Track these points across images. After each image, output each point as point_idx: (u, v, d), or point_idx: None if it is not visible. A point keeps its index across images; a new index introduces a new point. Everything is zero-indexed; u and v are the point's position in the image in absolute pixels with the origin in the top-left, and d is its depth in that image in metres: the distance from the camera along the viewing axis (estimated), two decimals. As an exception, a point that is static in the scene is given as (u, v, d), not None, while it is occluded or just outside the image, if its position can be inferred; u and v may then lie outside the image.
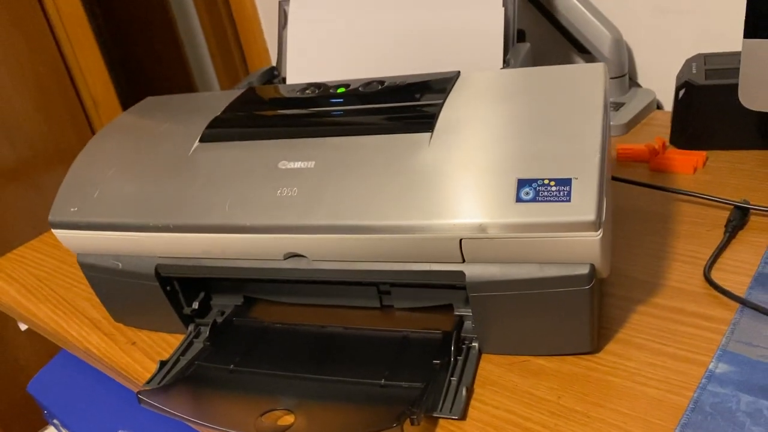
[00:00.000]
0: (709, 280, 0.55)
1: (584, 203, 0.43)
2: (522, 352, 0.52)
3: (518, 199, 0.45)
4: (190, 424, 0.52)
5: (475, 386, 0.50)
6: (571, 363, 0.50)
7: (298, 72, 0.74)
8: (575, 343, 0.50)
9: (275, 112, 0.60)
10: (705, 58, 0.78)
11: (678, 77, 0.77)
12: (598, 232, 0.43)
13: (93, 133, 1.55)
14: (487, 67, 0.66)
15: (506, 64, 0.66)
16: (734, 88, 0.63)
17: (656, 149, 0.75)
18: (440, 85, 0.57)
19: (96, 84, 1.56)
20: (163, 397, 0.51)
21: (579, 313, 0.47)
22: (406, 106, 0.55)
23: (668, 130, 0.79)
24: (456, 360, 0.52)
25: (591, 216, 0.43)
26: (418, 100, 0.55)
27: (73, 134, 1.57)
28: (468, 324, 0.54)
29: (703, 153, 0.73)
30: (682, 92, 0.74)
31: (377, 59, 0.71)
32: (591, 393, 0.47)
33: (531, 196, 0.44)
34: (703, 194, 0.65)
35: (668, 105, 0.91)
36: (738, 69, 0.62)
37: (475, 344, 0.53)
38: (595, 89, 0.51)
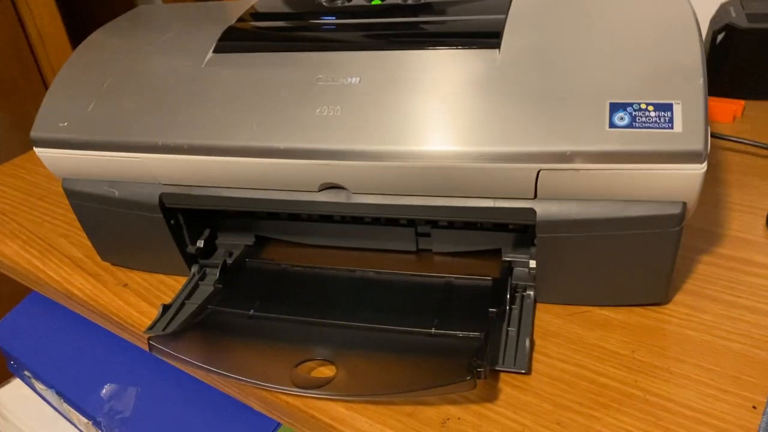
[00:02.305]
0: (774, 231, 0.51)
1: (690, 131, 0.38)
2: (585, 301, 0.46)
3: (611, 125, 0.39)
4: (211, 375, 0.45)
5: (535, 338, 0.45)
6: (640, 314, 0.45)
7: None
8: (648, 293, 0.45)
9: (307, 22, 0.52)
10: (742, 2, 0.73)
11: (713, 21, 0.72)
12: (703, 164, 0.38)
13: (39, 68, 1.42)
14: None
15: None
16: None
17: (690, 97, 0.70)
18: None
19: (42, 15, 1.42)
20: (177, 343, 0.44)
21: (661, 259, 0.42)
22: (463, 19, 0.48)
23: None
24: (511, 309, 0.46)
25: (698, 145, 0.37)
26: (476, 13, 0.48)
27: (17, 69, 1.42)
28: (519, 271, 0.49)
29: (741, 102, 0.69)
30: (720, 36, 0.70)
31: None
32: (668, 347, 0.43)
33: (626, 121, 0.39)
34: (756, 141, 0.60)
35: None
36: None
37: (530, 292, 0.47)
38: (681, 5, 0.45)
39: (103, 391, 0.59)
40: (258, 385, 0.41)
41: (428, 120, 0.42)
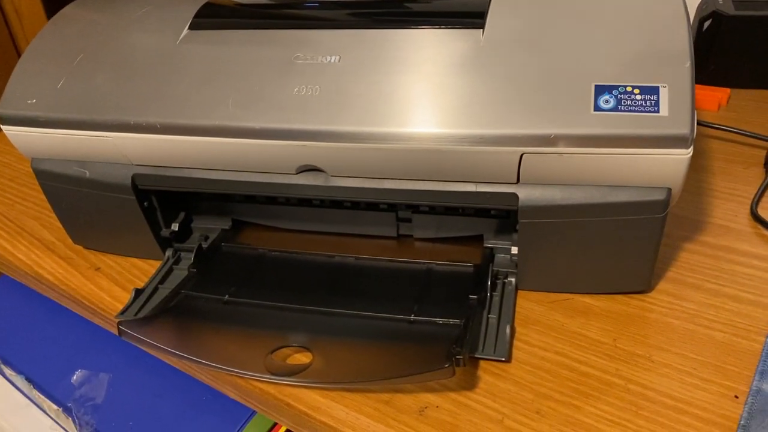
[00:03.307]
0: (758, 218, 0.50)
1: (676, 115, 0.37)
2: (567, 289, 0.46)
3: (596, 108, 0.38)
4: (184, 362, 0.44)
5: (515, 325, 0.44)
6: (622, 302, 0.45)
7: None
8: (631, 281, 0.44)
9: (286, -1, 0.50)
10: (729, -11, 0.72)
11: (700, 8, 0.71)
12: (689, 149, 0.37)
13: (16, 47, 1.38)
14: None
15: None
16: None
17: (675, 84, 0.70)
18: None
19: (19, -9, 1.38)
20: (148, 328, 0.43)
21: (644, 246, 0.42)
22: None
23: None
24: (491, 296, 0.45)
25: (685, 129, 0.37)
26: (460, -7, 0.47)
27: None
28: (500, 257, 0.48)
29: (727, 90, 0.68)
30: (707, 23, 0.69)
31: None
32: (650, 335, 0.42)
33: (612, 104, 0.38)
34: (741, 129, 0.60)
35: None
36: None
37: (512, 279, 0.46)
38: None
39: (74, 377, 0.57)
40: (231, 372, 0.40)
41: (409, 101, 0.41)
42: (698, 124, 0.62)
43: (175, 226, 0.52)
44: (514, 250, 0.45)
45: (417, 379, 0.38)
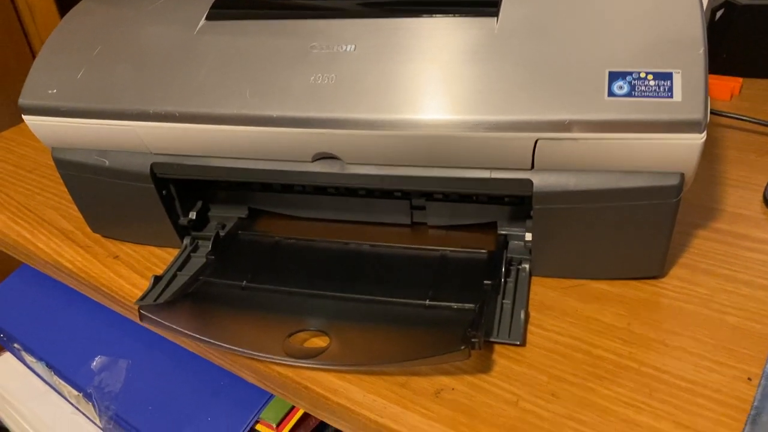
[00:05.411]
0: (771, 206, 0.51)
1: (690, 100, 0.37)
2: (581, 275, 0.46)
3: (610, 94, 0.38)
4: (203, 346, 0.44)
5: (530, 310, 0.44)
6: (635, 288, 0.45)
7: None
8: (644, 266, 0.44)
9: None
10: (742, -21, 0.72)
11: (713, -2, 0.71)
12: (702, 134, 0.38)
13: (29, 43, 1.40)
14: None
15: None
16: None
17: (688, 74, 0.70)
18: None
19: (32, -13, 1.39)
20: (168, 313, 0.43)
21: (658, 231, 0.42)
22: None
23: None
24: (506, 282, 0.46)
25: (698, 114, 0.37)
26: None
27: (8, 43, 1.40)
28: (514, 244, 0.48)
29: (739, 79, 0.68)
30: (719, 13, 0.69)
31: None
32: (664, 320, 0.42)
33: (625, 90, 0.38)
34: (754, 118, 0.60)
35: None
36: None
37: (526, 266, 0.47)
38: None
39: (94, 363, 0.58)
40: (250, 354, 0.41)
41: (425, 88, 0.41)
42: (711, 113, 0.62)
43: (192, 215, 0.53)
44: (528, 236, 0.46)
45: (433, 361, 0.39)
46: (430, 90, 0.41)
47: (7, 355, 0.72)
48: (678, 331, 0.41)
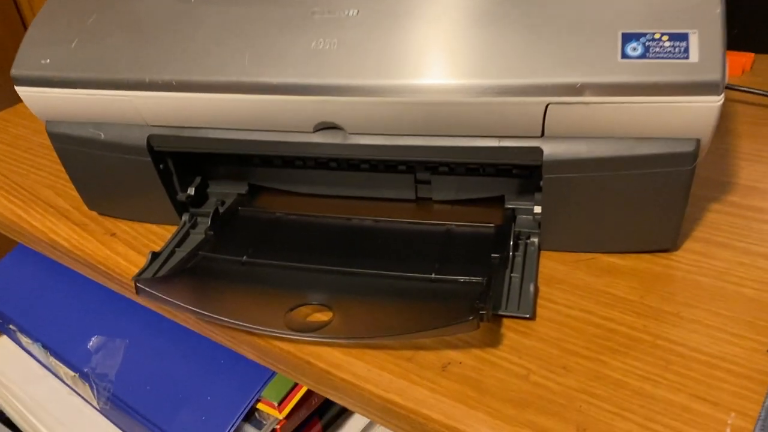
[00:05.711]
0: (786, 179, 0.49)
1: (707, 61, 0.36)
2: (591, 248, 0.45)
3: (624, 56, 0.37)
4: (201, 321, 0.43)
5: (539, 284, 0.43)
6: (648, 261, 0.44)
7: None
8: (657, 238, 0.43)
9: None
10: (752, -48, 0.71)
11: (723, -27, 0.70)
12: (720, 96, 0.36)
13: (22, 19, 1.37)
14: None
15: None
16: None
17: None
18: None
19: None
20: (165, 287, 0.42)
21: (672, 201, 0.40)
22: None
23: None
24: (514, 256, 0.44)
25: (716, 75, 0.35)
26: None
27: (1, 21, 1.37)
28: (522, 218, 0.47)
29: (751, 54, 0.67)
30: (730, -13, 0.67)
31: None
32: (678, 292, 0.41)
33: (639, 52, 0.37)
34: (766, 92, 0.58)
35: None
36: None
37: (534, 239, 0.45)
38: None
39: (91, 343, 0.57)
40: (250, 329, 0.40)
41: (430, 52, 0.40)
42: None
43: (191, 191, 0.51)
44: (537, 209, 0.44)
45: (440, 333, 0.38)
46: (435, 55, 0.39)
47: (3, 337, 0.71)
48: (693, 304, 0.40)
